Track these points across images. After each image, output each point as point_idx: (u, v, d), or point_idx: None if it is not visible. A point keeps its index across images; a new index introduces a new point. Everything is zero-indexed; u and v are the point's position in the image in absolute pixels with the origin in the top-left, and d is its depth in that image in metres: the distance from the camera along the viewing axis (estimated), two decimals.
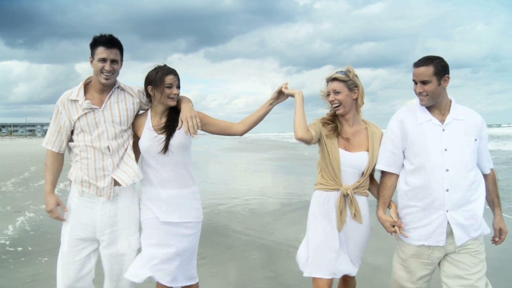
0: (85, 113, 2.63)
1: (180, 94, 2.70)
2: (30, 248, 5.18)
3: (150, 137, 2.63)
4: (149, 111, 2.74)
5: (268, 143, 47.86)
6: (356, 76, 2.66)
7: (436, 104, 2.53)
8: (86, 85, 2.72)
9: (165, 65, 2.65)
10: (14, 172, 14.29)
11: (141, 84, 2.73)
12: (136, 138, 2.73)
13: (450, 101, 2.56)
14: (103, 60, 2.58)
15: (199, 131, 2.61)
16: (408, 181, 2.55)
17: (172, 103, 2.63)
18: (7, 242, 5.48)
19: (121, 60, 2.68)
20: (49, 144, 2.70)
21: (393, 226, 2.58)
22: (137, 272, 2.61)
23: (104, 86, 2.67)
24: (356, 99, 2.67)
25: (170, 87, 2.59)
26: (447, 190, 2.44)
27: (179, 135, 2.63)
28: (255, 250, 5.15)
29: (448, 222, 2.45)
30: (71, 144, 2.72)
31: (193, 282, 2.80)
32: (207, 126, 2.75)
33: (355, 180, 2.65)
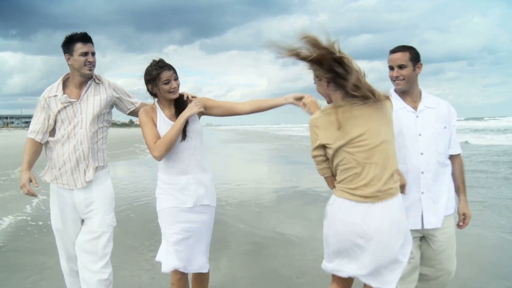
0: (64, 107, 2.86)
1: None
2: (48, 222, 5.95)
3: (168, 126, 2.68)
4: (156, 104, 2.79)
5: (263, 134, 48.61)
6: None
7: (409, 92, 2.65)
8: (65, 81, 2.94)
9: (159, 61, 2.68)
10: (18, 161, 14.84)
11: (134, 76, 2.81)
12: (153, 123, 2.76)
13: (421, 91, 2.69)
14: (85, 54, 2.81)
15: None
16: None
17: (174, 96, 2.69)
18: (29, 218, 6.32)
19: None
20: (32, 133, 2.91)
21: None
22: (169, 262, 2.72)
23: (85, 78, 2.89)
24: None
25: (167, 82, 2.63)
26: (422, 173, 2.58)
27: (193, 121, 2.73)
28: (241, 222, 6.02)
29: (422, 205, 2.59)
30: (50, 139, 2.91)
31: (205, 270, 2.86)
32: (212, 109, 2.81)
33: None
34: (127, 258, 4.40)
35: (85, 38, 2.84)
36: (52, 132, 2.92)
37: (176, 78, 2.68)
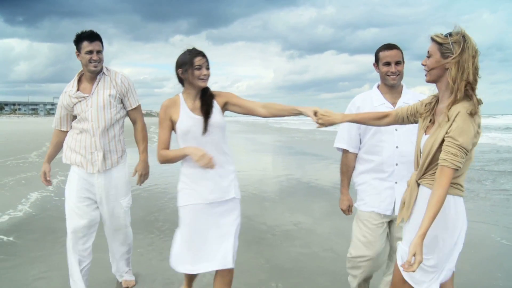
0: (79, 101, 3.09)
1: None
2: None
3: (190, 119, 2.63)
4: (180, 95, 2.72)
5: (265, 126, 49.30)
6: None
7: (396, 87, 2.73)
8: (81, 77, 3.15)
9: (193, 48, 2.64)
10: (32, 147, 15.76)
11: (140, 65, 3.36)
12: (170, 122, 2.68)
13: (402, 86, 2.78)
14: (90, 52, 3.00)
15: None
16: (365, 158, 2.80)
17: (203, 84, 2.63)
18: (52, 194, 7.19)
19: (103, 48, 3.11)
20: (54, 123, 3.29)
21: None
22: (186, 267, 2.72)
23: (93, 73, 3.07)
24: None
25: (199, 68, 2.58)
26: (396, 165, 2.68)
27: (216, 115, 2.66)
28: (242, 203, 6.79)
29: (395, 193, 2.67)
30: (72, 123, 3.21)
31: (229, 266, 2.67)
32: (234, 106, 2.73)
33: None
34: (141, 226, 5.26)
35: (90, 37, 3.02)
36: (73, 122, 3.22)
37: (208, 68, 2.65)
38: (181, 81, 2.70)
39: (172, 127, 2.70)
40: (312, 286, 3.60)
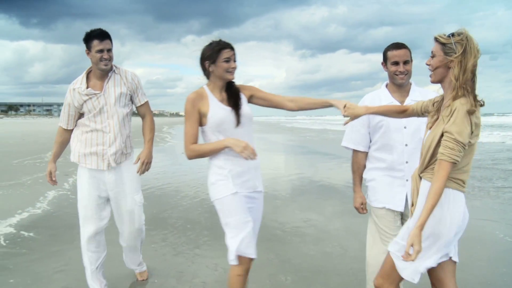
0: (89, 98, 3.08)
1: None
2: None
3: (222, 111, 2.55)
4: (205, 87, 2.63)
5: (277, 126, 49.40)
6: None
7: (402, 86, 2.75)
8: (89, 74, 3.15)
9: (220, 40, 2.56)
10: (47, 147, 16.04)
11: (153, 65, 3.33)
12: (198, 115, 2.57)
13: (411, 84, 2.80)
14: (100, 51, 2.99)
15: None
16: (376, 156, 2.82)
17: (231, 76, 2.57)
18: (69, 193, 7.41)
19: (112, 46, 3.10)
20: (61, 122, 3.26)
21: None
22: (247, 249, 2.52)
23: (103, 72, 3.07)
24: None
25: (227, 61, 2.51)
26: (406, 162, 2.70)
27: (245, 107, 2.63)
28: None
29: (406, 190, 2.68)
30: (80, 125, 3.20)
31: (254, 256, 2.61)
32: (259, 100, 2.73)
33: None
34: (155, 222, 5.43)
35: (101, 36, 3.02)
36: (80, 120, 3.20)
37: (235, 60, 2.58)
38: (206, 73, 2.62)
39: (200, 121, 2.59)
40: (320, 280, 3.70)
